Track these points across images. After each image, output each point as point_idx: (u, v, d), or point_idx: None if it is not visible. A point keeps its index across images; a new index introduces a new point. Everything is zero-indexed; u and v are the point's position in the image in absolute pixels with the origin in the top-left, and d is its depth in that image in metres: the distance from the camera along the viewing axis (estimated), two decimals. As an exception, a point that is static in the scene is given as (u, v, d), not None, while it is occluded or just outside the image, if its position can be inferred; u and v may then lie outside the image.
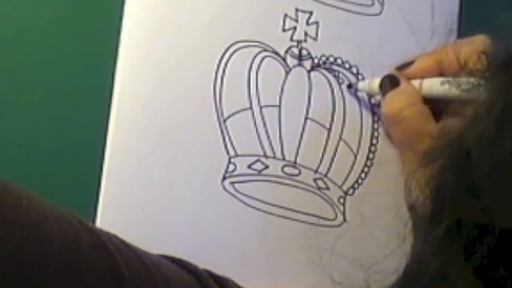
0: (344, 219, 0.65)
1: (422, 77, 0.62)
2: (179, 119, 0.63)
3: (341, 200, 0.65)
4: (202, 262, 0.58)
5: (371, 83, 0.65)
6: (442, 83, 0.60)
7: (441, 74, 0.62)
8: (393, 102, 0.62)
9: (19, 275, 0.44)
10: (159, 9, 0.64)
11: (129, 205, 0.62)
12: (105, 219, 0.61)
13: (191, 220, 0.63)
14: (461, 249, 0.37)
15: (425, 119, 0.60)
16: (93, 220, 0.60)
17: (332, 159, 0.66)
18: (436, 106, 0.61)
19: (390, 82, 0.63)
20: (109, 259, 0.49)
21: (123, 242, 0.52)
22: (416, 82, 0.62)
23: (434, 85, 0.61)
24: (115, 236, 0.52)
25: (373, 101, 0.67)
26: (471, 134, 0.38)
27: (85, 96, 0.63)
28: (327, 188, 0.65)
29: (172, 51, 0.64)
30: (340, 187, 0.66)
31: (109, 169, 0.61)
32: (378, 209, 0.63)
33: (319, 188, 0.65)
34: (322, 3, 0.67)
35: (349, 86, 0.67)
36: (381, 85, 0.64)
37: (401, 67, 0.63)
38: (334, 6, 0.67)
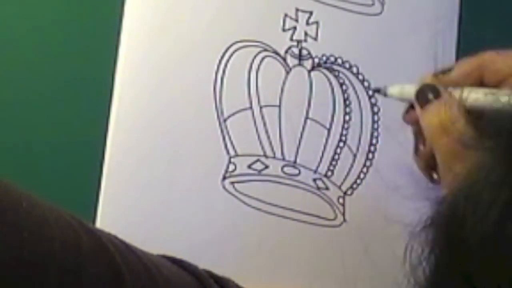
0: (344, 219, 0.65)
1: (462, 85, 0.59)
2: (179, 119, 0.63)
3: (341, 200, 0.65)
4: (202, 262, 0.58)
5: (403, 89, 0.61)
6: (485, 94, 0.57)
7: (481, 82, 0.59)
8: (439, 113, 0.59)
9: (19, 278, 0.44)
10: (159, 9, 0.64)
11: (129, 205, 0.62)
12: (105, 219, 0.61)
13: (191, 219, 0.63)
14: None
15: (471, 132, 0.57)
16: (93, 220, 0.60)
17: (332, 159, 0.66)
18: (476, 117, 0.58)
19: (431, 92, 0.60)
20: (109, 261, 0.48)
21: (123, 243, 0.52)
22: (456, 92, 0.60)
23: (477, 97, 0.58)
24: (115, 237, 0.52)
25: (373, 101, 0.67)
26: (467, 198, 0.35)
27: (85, 96, 0.63)
28: (327, 188, 0.65)
29: (172, 51, 0.64)
30: (339, 187, 0.66)
31: (109, 169, 0.62)
32: (377, 209, 0.63)
33: (318, 188, 0.65)
34: (322, 3, 0.67)
35: (377, 90, 0.64)
36: (419, 94, 0.60)
37: (439, 74, 0.61)
38: (334, 6, 0.67)
